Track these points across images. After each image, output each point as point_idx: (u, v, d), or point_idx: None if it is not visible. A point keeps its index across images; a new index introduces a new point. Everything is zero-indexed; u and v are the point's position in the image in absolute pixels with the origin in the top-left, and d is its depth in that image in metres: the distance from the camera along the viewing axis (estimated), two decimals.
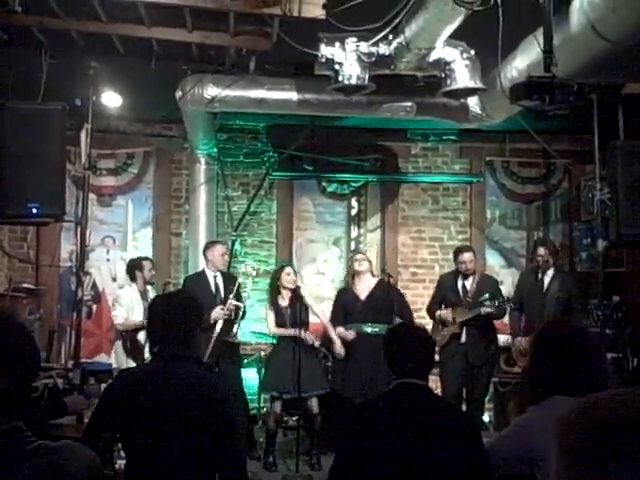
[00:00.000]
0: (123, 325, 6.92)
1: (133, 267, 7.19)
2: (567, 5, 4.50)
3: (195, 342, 3.07)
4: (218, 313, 6.64)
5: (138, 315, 6.85)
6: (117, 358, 6.93)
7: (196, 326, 3.09)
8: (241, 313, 6.87)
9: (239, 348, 7.16)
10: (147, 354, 6.06)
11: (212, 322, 6.58)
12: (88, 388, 4.95)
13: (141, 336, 6.71)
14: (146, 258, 7.46)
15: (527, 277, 7.23)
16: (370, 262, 7.16)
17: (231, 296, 6.71)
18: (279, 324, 6.81)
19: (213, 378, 3.10)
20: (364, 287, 6.96)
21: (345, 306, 7.00)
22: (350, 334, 6.81)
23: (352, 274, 7.11)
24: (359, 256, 7.18)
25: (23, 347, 1.71)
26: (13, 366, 1.66)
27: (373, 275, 7.12)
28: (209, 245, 7.17)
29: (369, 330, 6.74)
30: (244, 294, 7.35)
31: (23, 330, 1.76)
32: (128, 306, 6.92)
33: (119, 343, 6.97)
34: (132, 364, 6.58)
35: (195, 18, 5.70)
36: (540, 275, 6.93)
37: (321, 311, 7.10)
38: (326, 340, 7.35)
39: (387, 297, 6.81)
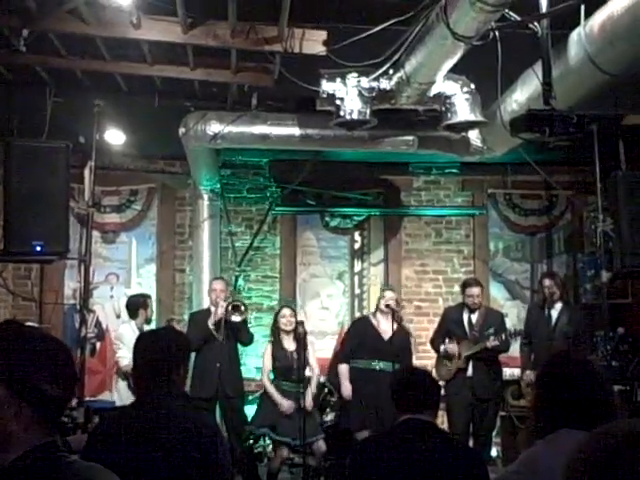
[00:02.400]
0: (129, 367, 6.76)
1: (138, 305, 6.99)
2: (565, 38, 4.55)
3: (180, 378, 2.99)
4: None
5: None
6: (120, 397, 6.80)
7: (180, 362, 3.01)
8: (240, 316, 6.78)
9: (243, 384, 7.10)
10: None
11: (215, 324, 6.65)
12: (92, 427, 4.91)
13: None
14: (149, 296, 7.32)
15: (534, 311, 7.18)
16: (397, 302, 6.98)
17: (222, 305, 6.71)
18: (284, 367, 6.69)
19: (199, 416, 3.02)
20: (387, 327, 6.79)
21: (365, 340, 6.84)
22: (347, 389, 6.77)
23: (379, 308, 6.96)
24: (389, 294, 6.93)
25: (72, 362, 1.75)
26: (64, 377, 1.69)
27: (398, 321, 6.85)
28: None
29: (380, 366, 6.66)
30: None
31: (69, 350, 1.80)
32: (130, 344, 6.76)
33: (123, 384, 6.82)
34: None
35: (197, 56, 5.77)
36: (547, 309, 6.90)
37: (315, 358, 6.98)
38: (332, 375, 7.31)
39: (404, 343, 6.77)
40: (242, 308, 6.73)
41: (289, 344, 6.71)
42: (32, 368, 1.62)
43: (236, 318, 6.68)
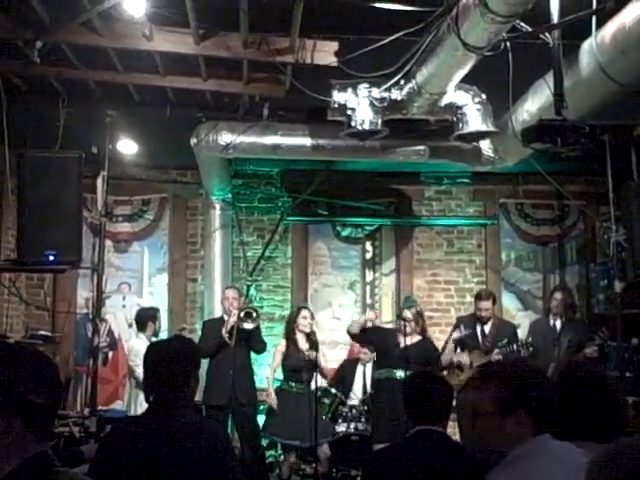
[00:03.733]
0: None
1: (147, 318, 7.00)
2: (577, 48, 4.55)
3: (190, 387, 2.97)
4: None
5: None
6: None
7: (189, 372, 2.98)
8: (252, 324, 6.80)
9: (256, 393, 7.10)
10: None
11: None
12: (103, 436, 4.91)
13: None
14: (157, 309, 7.32)
15: (539, 326, 7.19)
16: (416, 321, 6.79)
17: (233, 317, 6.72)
18: (296, 366, 6.73)
19: (210, 426, 3.00)
20: (407, 339, 6.62)
21: (384, 345, 6.81)
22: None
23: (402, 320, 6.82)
24: (407, 315, 6.73)
25: (55, 372, 1.81)
26: (49, 387, 1.75)
27: (420, 333, 6.81)
28: None
29: (401, 375, 6.59)
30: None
31: (52, 360, 1.87)
32: None
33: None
34: None
35: (209, 66, 5.80)
36: (552, 322, 6.92)
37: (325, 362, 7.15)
38: (340, 383, 7.32)
39: (424, 354, 6.67)
40: (254, 315, 6.75)
41: (303, 345, 6.77)
42: (17, 381, 1.69)
43: (248, 325, 6.69)
